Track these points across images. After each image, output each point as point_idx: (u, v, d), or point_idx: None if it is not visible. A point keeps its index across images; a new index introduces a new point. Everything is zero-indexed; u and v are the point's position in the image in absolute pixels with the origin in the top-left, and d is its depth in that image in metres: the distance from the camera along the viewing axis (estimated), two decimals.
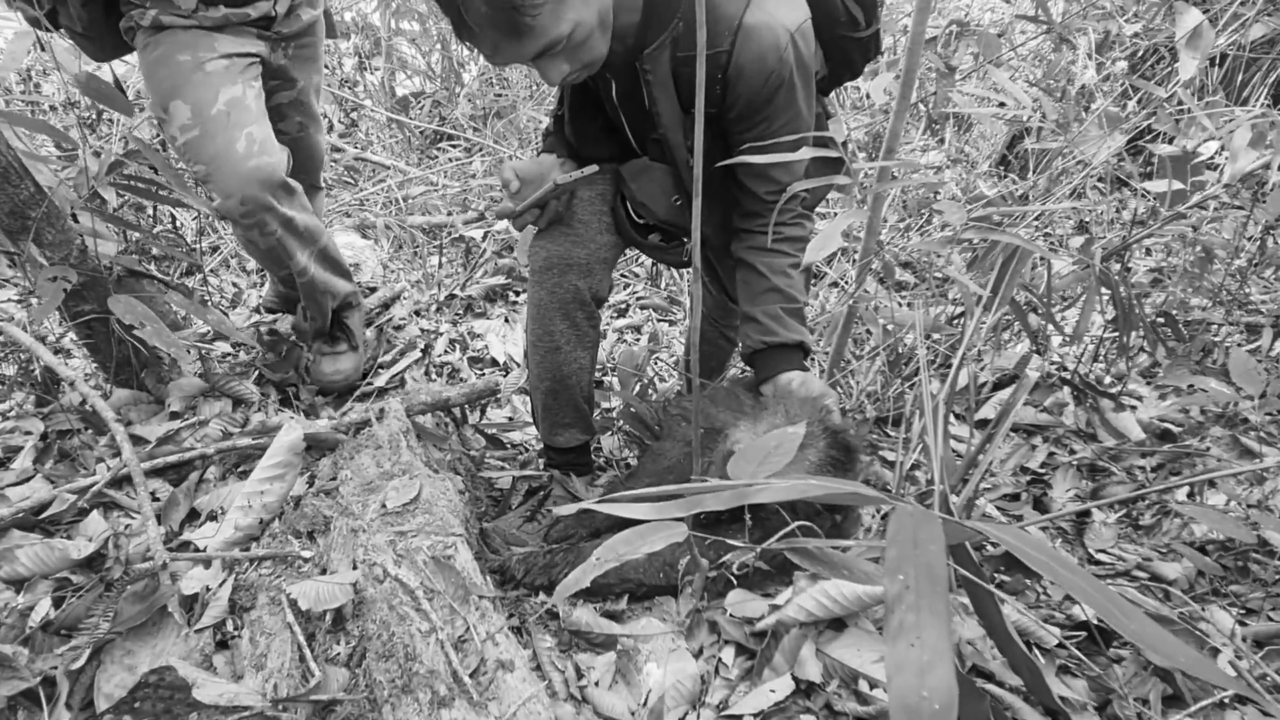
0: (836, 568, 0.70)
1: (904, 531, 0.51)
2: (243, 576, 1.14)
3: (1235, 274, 2.87)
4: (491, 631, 0.99)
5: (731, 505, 0.57)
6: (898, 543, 0.50)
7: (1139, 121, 2.73)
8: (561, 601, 1.46)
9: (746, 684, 1.18)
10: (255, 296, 3.61)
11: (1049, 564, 0.53)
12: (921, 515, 0.52)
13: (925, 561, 0.48)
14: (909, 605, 0.46)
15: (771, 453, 0.80)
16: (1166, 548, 1.90)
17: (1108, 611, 0.48)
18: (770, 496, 0.57)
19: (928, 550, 0.49)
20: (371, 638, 0.98)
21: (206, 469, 1.56)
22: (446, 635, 0.96)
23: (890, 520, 0.53)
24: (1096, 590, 0.49)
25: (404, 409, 1.63)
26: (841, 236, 1.15)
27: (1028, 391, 1.30)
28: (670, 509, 0.61)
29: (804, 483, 0.59)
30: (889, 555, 0.49)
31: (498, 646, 0.98)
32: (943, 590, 0.46)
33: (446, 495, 1.27)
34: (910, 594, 0.46)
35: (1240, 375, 1.89)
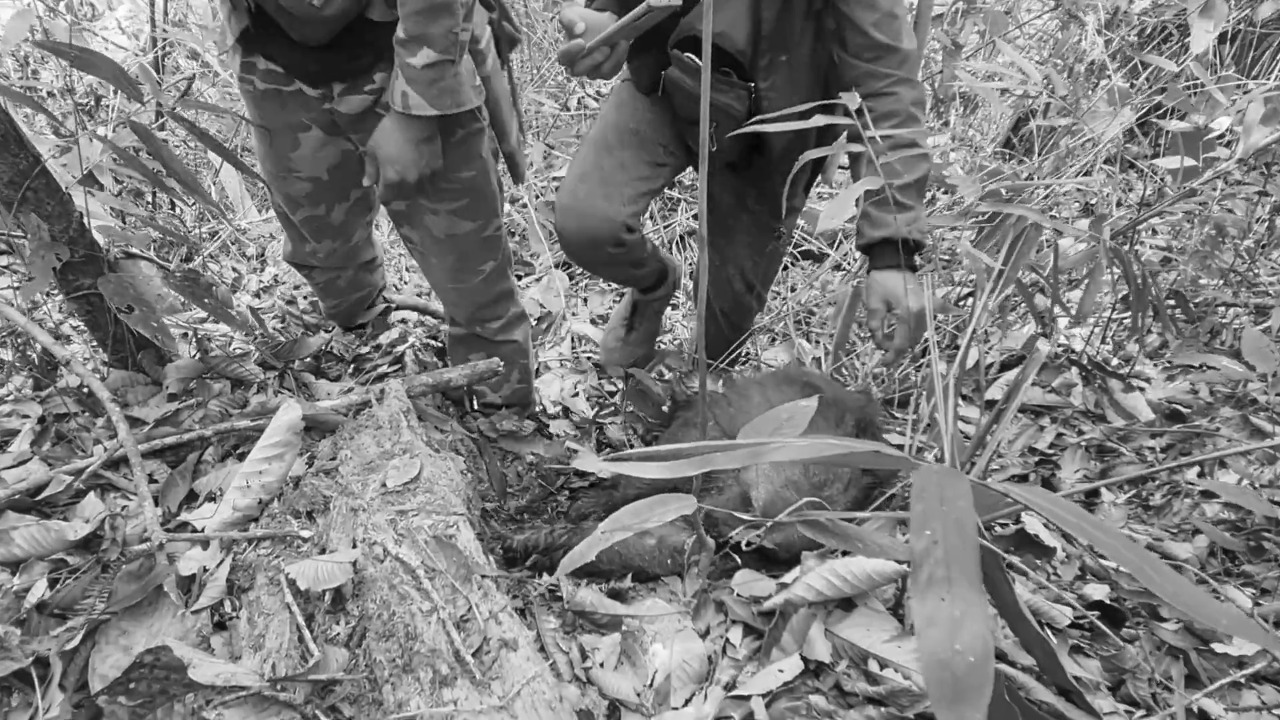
0: (851, 541, 0.67)
1: (930, 489, 0.48)
2: (241, 557, 1.12)
3: (1244, 254, 2.84)
4: (494, 610, 0.97)
5: (744, 464, 0.55)
6: (924, 499, 0.47)
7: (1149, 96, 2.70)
8: (566, 582, 1.44)
9: (754, 664, 1.16)
10: (255, 281, 3.59)
11: (1071, 519, 0.50)
12: (947, 473, 0.50)
13: (954, 517, 0.45)
14: (938, 560, 0.43)
15: (783, 424, 0.77)
16: (1177, 528, 1.87)
17: (1143, 573, 0.45)
18: (787, 455, 0.54)
19: (955, 506, 0.46)
20: (371, 617, 0.96)
21: (205, 450, 1.54)
22: (448, 614, 0.94)
23: (915, 479, 0.50)
24: (1132, 552, 0.46)
25: (405, 390, 1.61)
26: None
27: (1037, 369, 1.27)
28: (681, 467, 0.58)
29: (821, 442, 0.56)
30: (915, 511, 0.47)
31: (500, 625, 0.96)
32: (973, 544, 0.44)
33: (448, 475, 1.25)
34: (939, 549, 0.44)
35: (1253, 353, 1.86)
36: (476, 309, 1.89)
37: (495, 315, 1.92)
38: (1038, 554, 1.65)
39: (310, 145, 1.73)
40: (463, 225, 1.74)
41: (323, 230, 1.91)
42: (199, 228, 4.01)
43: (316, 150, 1.74)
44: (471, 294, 1.86)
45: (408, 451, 1.28)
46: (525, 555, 1.57)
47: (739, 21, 1.60)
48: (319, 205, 1.85)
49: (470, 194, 1.72)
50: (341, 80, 1.58)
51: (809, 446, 0.55)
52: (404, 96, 1.45)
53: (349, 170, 1.82)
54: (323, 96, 1.61)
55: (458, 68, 1.45)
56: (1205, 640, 1.34)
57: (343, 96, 1.59)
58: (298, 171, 1.77)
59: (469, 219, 1.74)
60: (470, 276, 1.82)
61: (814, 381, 1.84)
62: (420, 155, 1.54)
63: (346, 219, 1.92)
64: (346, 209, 1.89)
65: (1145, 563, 0.46)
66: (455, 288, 1.85)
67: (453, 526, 1.12)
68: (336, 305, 2.27)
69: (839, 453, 0.55)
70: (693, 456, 0.58)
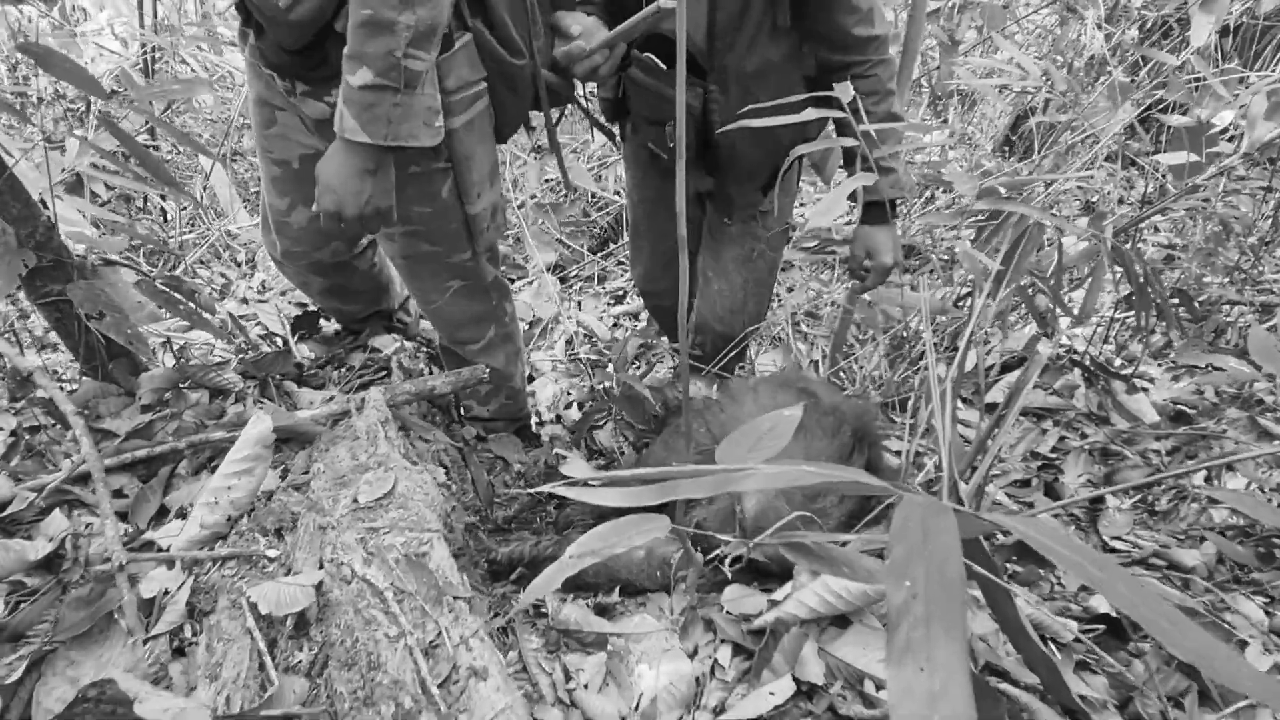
0: (836, 565, 0.62)
1: (912, 525, 0.43)
2: (204, 578, 1.07)
3: (1249, 251, 2.78)
4: (465, 635, 0.92)
5: (714, 492, 0.50)
6: (905, 538, 0.42)
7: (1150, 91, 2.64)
8: (551, 597, 1.39)
9: (744, 686, 1.11)
10: (244, 287, 3.54)
11: (1070, 556, 0.45)
12: (932, 506, 0.44)
13: (937, 561, 0.40)
14: (917, 618, 0.38)
15: (764, 437, 0.72)
16: (1184, 534, 1.82)
17: (1134, 607, 0.40)
18: (756, 483, 0.49)
19: (940, 546, 0.41)
20: (334, 644, 0.91)
21: (178, 464, 1.49)
22: (416, 640, 0.89)
23: (896, 512, 0.45)
24: (1122, 583, 0.41)
25: (386, 399, 1.56)
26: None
27: (1038, 371, 1.23)
28: (645, 495, 0.53)
29: (794, 468, 0.51)
30: (894, 554, 0.42)
31: (471, 652, 0.90)
32: (958, 597, 0.38)
33: (424, 489, 1.19)
34: (919, 603, 0.38)
35: (1260, 353, 1.80)
36: (453, 329, 1.85)
37: (473, 337, 1.88)
38: (1040, 564, 1.60)
39: (283, 126, 1.67)
40: (420, 247, 1.68)
41: (283, 228, 1.84)
42: (190, 233, 3.96)
43: (288, 135, 1.68)
44: (442, 313, 1.81)
45: (383, 465, 1.22)
46: (510, 568, 1.52)
47: (699, 21, 1.68)
48: (284, 198, 1.77)
49: (427, 226, 1.65)
50: (305, 83, 1.52)
51: (781, 474, 0.50)
52: (340, 117, 1.36)
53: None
54: (288, 90, 1.56)
55: (401, 98, 1.35)
56: None
57: (303, 98, 1.54)
58: (270, 152, 1.71)
59: (428, 243, 1.68)
60: (435, 295, 1.77)
61: (810, 387, 1.79)
62: (363, 188, 1.42)
63: (308, 228, 1.82)
64: (309, 217, 1.79)
65: (1134, 594, 0.41)
66: (426, 308, 1.81)
67: (426, 544, 1.06)
68: (322, 307, 2.22)
69: (815, 480, 0.50)
70: (656, 483, 0.53)
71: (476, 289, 1.82)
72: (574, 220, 3.95)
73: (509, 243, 3.86)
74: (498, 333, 1.92)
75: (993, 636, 1.22)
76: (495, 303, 1.89)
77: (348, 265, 2.01)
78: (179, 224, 3.91)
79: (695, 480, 0.51)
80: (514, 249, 3.80)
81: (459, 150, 1.58)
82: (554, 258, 3.80)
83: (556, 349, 3.04)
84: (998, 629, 1.23)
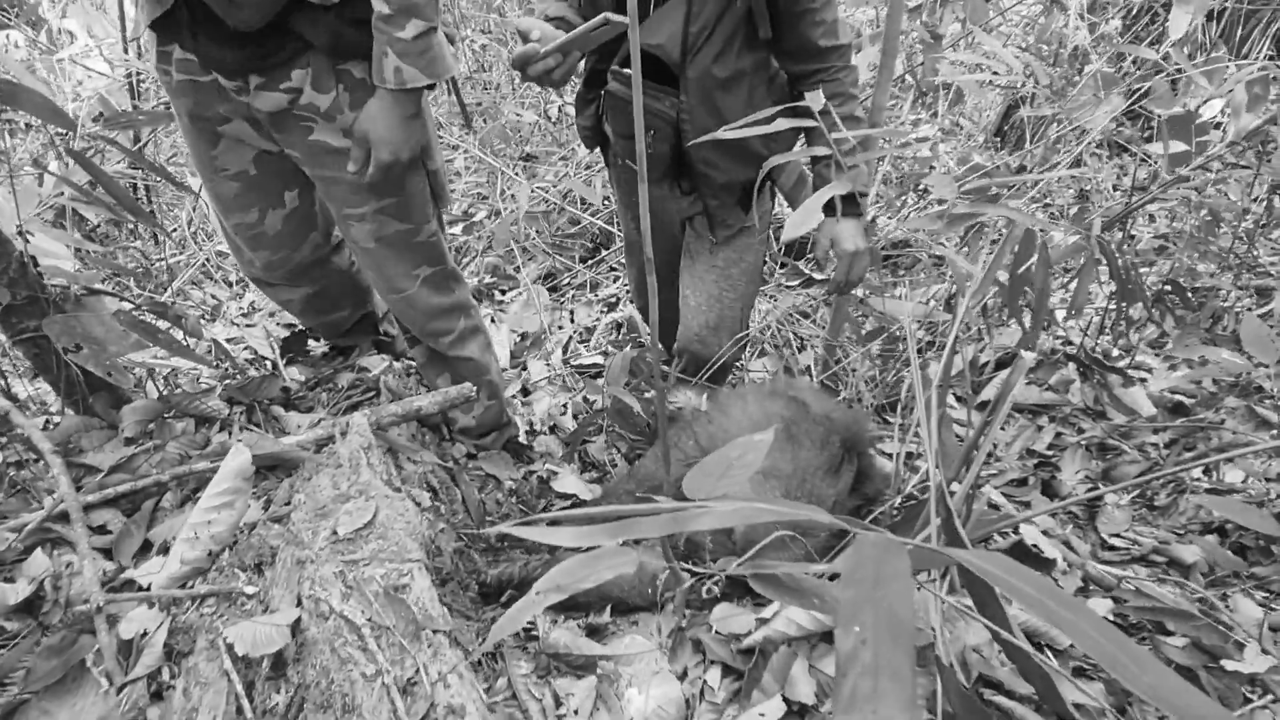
0: (806, 597, 0.61)
1: (864, 567, 0.41)
2: (183, 618, 1.05)
3: (1242, 236, 2.76)
4: (443, 672, 0.90)
5: (666, 532, 0.48)
6: (855, 582, 0.41)
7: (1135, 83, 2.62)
8: (542, 620, 1.38)
9: (734, 707, 1.09)
10: (235, 309, 3.53)
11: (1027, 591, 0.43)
12: (886, 546, 0.43)
13: (887, 607, 0.39)
14: (865, 667, 0.36)
15: (734, 464, 0.71)
16: (1183, 529, 1.80)
17: (1118, 665, 0.38)
18: (709, 523, 0.48)
19: (891, 591, 0.39)
20: (310, 685, 0.89)
21: (163, 496, 1.47)
22: (393, 678, 0.87)
23: (849, 554, 0.43)
24: (1082, 620, 0.40)
25: (369, 423, 1.55)
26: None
27: (1025, 371, 1.21)
28: (593, 535, 0.52)
29: (748, 507, 0.49)
30: (844, 599, 0.40)
31: (449, 689, 0.89)
32: (908, 646, 0.37)
33: (405, 517, 1.18)
34: (868, 651, 0.37)
35: (1253, 343, 1.79)
36: (426, 320, 1.82)
37: (446, 329, 1.86)
38: (1037, 566, 1.58)
39: (232, 138, 1.66)
40: (390, 226, 1.69)
41: (259, 240, 1.82)
42: (180, 255, 3.95)
43: (238, 144, 1.67)
44: (414, 303, 1.79)
45: (364, 493, 1.21)
46: (500, 590, 1.50)
47: (674, 32, 1.74)
48: (250, 210, 1.76)
49: (396, 191, 1.67)
50: (259, 74, 1.51)
51: (735, 512, 0.48)
52: (397, 72, 1.45)
53: (279, 171, 1.74)
54: (239, 89, 1.55)
55: (440, 33, 1.47)
56: (1215, 656, 1.27)
57: (258, 92, 1.52)
58: (224, 169, 1.69)
59: (397, 219, 1.69)
60: (407, 283, 1.76)
61: (800, 395, 1.77)
62: (411, 132, 1.55)
63: (284, 230, 1.82)
64: (283, 217, 1.80)
65: (1120, 649, 0.39)
66: (396, 298, 1.78)
67: (406, 575, 1.05)
68: (306, 323, 2.21)
69: (770, 519, 0.48)
70: (608, 522, 0.52)
71: (443, 276, 1.82)
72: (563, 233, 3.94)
73: (500, 253, 3.84)
74: (468, 324, 1.91)
75: (986, 646, 1.20)
76: (460, 294, 1.89)
77: (327, 264, 2.00)
78: (167, 248, 3.88)
79: (648, 521, 0.49)
80: (505, 259, 3.79)
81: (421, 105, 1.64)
82: (545, 269, 3.79)
83: (553, 359, 3.02)
84: (990, 639, 1.22)
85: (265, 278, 1.95)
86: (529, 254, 3.79)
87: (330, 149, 1.59)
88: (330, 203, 1.70)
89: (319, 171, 1.64)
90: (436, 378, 1.94)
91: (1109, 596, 1.48)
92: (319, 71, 1.52)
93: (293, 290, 2.01)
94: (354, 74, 1.55)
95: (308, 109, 1.55)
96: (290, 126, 1.58)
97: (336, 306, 2.14)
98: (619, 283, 3.73)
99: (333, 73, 1.54)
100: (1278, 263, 2.97)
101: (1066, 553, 1.65)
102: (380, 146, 1.52)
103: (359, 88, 1.56)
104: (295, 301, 2.05)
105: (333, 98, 1.54)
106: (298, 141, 1.60)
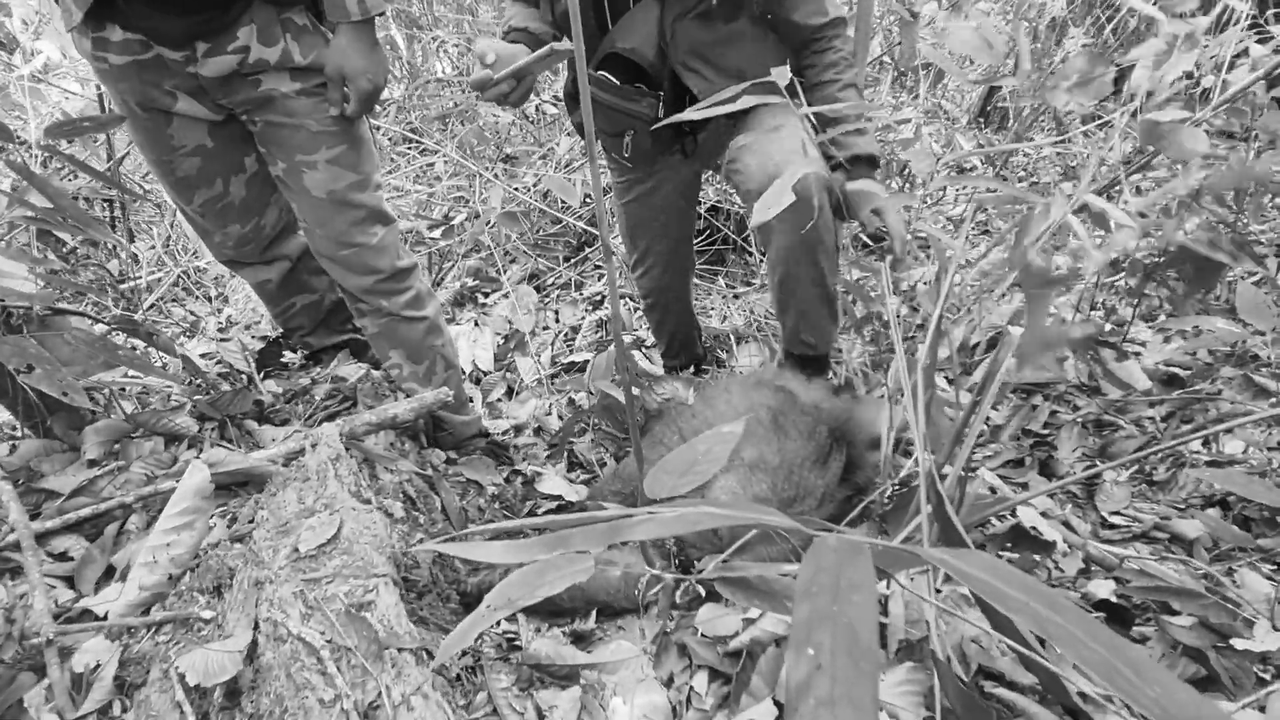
0: (778, 600, 0.56)
1: (822, 576, 0.36)
2: (137, 647, 1.00)
3: (1231, 205, 2.71)
4: (407, 693, 0.85)
5: (606, 543, 0.43)
6: (810, 596, 0.35)
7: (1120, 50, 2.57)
8: (524, 628, 1.33)
9: (723, 713, 1.04)
10: (214, 325, 3.47)
11: (1013, 596, 0.38)
12: (847, 550, 0.38)
13: (847, 625, 0.33)
14: (820, 699, 0.31)
15: (699, 459, 0.66)
16: (1184, 503, 1.75)
17: (1116, 677, 0.33)
18: (650, 532, 0.43)
19: (852, 606, 0.34)
20: (264, 715, 0.84)
21: (127, 519, 1.42)
22: (354, 703, 0.82)
23: (806, 560, 0.38)
24: (1101, 644, 0.34)
25: (340, 433, 1.49)
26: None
27: (1012, 350, 1.16)
28: (529, 549, 0.46)
29: (696, 512, 0.44)
30: (797, 614, 0.35)
31: (412, 712, 0.84)
32: (870, 674, 0.32)
33: (372, 530, 1.13)
34: (823, 679, 0.32)
35: (1248, 310, 1.74)
36: (377, 279, 1.79)
37: (399, 289, 1.83)
38: (1036, 549, 1.54)
39: (183, 117, 1.66)
40: (344, 177, 1.68)
41: (226, 213, 1.83)
42: (158, 272, 3.89)
43: (191, 120, 1.68)
44: (365, 259, 1.75)
45: (329, 507, 1.16)
46: (480, 598, 1.45)
47: (649, 37, 1.81)
48: (214, 181, 1.77)
49: (347, 139, 1.67)
50: (205, 39, 1.52)
51: (677, 519, 0.43)
52: (360, 2, 1.52)
53: (234, 137, 1.75)
54: (185, 60, 1.54)
55: None
56: (1224, 636, 1.22)
57: (205, 58, 1.53)
58: (182, 146, 1.70)
59: (348, 168, 1.68)
60: (362, 237, 1.74)
61: (787, 385, 1.72)
62: (380, 59, 1.61)
63: (249, 194, 1.84)
64: (245, 181, 1.82)
65: (1116, 657, 0.34)
66: (348, 253, 1.74)
67: (372, 591, 1.00)
68: (282, 313, 2.16)
69: (719, 523, 0.43)
70: (546, 535, 0.47)
71: (397, 243, 1.82)
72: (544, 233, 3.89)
73: (482, 255, 3.79)
74: (423, 287, 1.90)
75: (985, 637, 1.15)
76: (411, 257, 1.87)
77: (295, 234, 2.02)
78: (144, 265, 3.82)
79: (583, 532, 0.44)
80: (486, 262, 3.73)
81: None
82: (529, 270, 3.74)
83: (542, 359, 2.97)
84: (990, 629, 1.17)
85: (238, 256, 1.96)
86: (510, 256, 3.74)
87: (281, 94, 1.61)
88: (280, 154, 1.69)
89: (270, 118, 1.65)
90: (390, 349, 1.89)
91: (1111, 577, 1.43)
92: (264, 24, 1.55)
93: (268, 269, 2.03)
94: (296, 21, 1.59)
95: (257, 65, 1.57)
96: (238, 85, 1.60)
97: (309, 288, 2.14)
98: (603, 281, 3.67)
99: (278, 22, 1.56)
100: (1267, 230, 2.92)
101: (1066, 533, 1.61)
102: (358, 77, 1.57)
103: (304, 33, 1.59)
104: (272, 282, 2.06)
105: (281, 48, 1.57)
106: (248, 96, 1.61)
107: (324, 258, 1.80)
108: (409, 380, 1.92)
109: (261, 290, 2.10)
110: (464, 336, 3.08)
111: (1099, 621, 0.37)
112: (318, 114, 1.64)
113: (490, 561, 0.51)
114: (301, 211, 1.74)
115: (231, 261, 2.00)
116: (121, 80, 1.58)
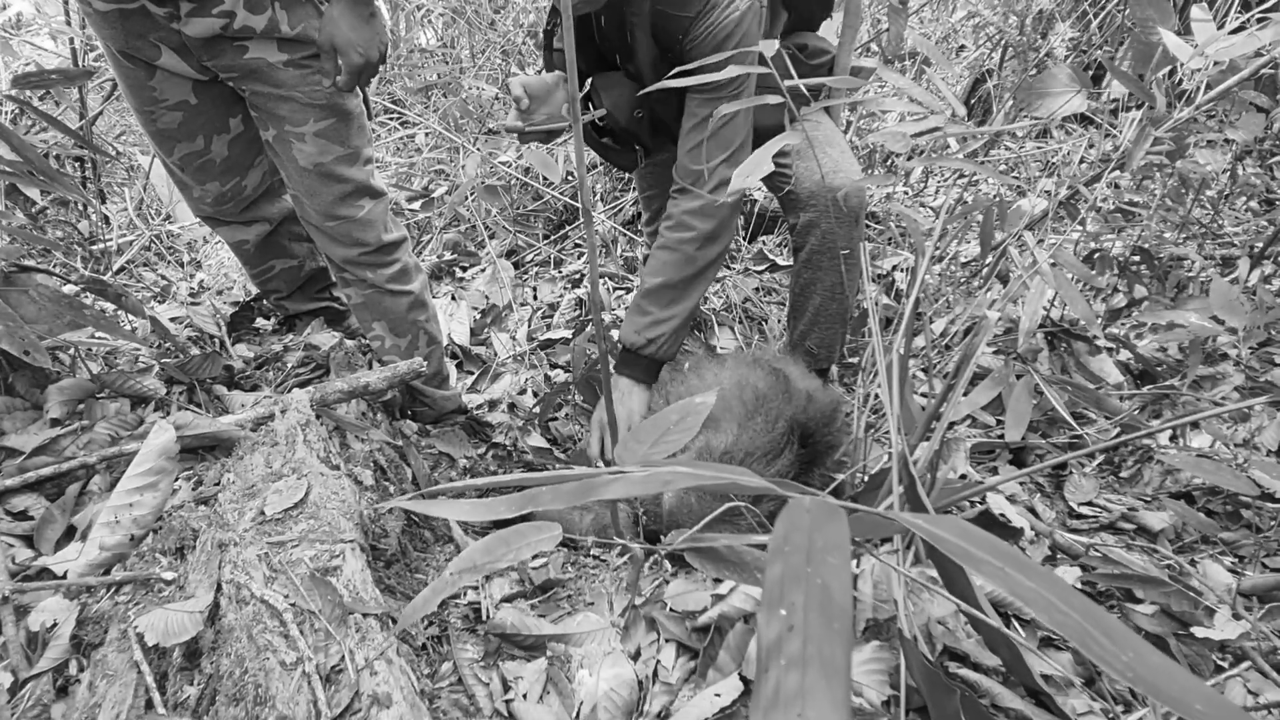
0: (749, 571, 0.55)
1: (797, 536, 0.35)
2: (96, 607, 0.98)
3: (1208, 204, 2.74)
4: (370, 658, 0.84)
5: (576, 502, 0.42)
6: (783, 555, 0.35)
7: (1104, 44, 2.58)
8: (487, 600, 1.32)
9: (690, 688, 1.04)
10: (185, 290, 3.41)
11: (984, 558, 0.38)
12: (822, 511, 0.37)
13: (820, 585, 0.33)
14: (792, 659, 0.30)
15: (670, 429, 0.65)
16: (1151, 496, 1.78)
17: (1089, 640, 0.33)
18: (621, 491, 0.42)
19: (826, 567, 0.34)
20: (224, 676, 0.83)
21: (90, 480, 1.39)
22: (315, 666, 0.81)
23: (780, 521, 0.37)
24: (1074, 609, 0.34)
25: (311, 399, 1.47)
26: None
27: (988, 337, 1.16)
28: (496, 508, 0.46)
29: (667, 471, 0.44)
30: (770, 574, 0.34)
31: (375, 676, 0.83)
32: (844, 634, 0.31)
33: (340, 495, 1.11)
34: (795, 639, 0.31)
35: (1221, 307, 1.76)
36: (362, 252, 1.76)
37: (385, 261, 1.80)
38: (1004, 535, 1.55)
39: (166, 71, 1.62)
40: (332, 151, 1.65)
41: (206, 170, 1.79)
42: (129, 235, 3.81)
43: (174, 77, 1.64)
44: (350, 231, 1.73)
45: (297, 472, 1.14)
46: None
47: (621, 100, 1.87)
48: (195, 138, 1.73)
49: (336, 112, 1.64)
50: (188, 0, 1.47)
51: (649, 478, 0.42)
52: None
53: (219, 97, 1.71)
54: (169, 16, 1.50)
55: None
56: (1185, 624, 1.24)
57: (189, 18, 1.49)
58: (163, 100, 1.66)
59: (337, 142, 1.65)
60: (348, 210, 1.71)
61: (785, 368, 1.72)
62: (375, 31, 1.57)
63: (231, 154, 1.80)
64: (228, 142, 1.78)
65: (1093, 623, 0.34)
66: (333, 225, 1.71)
67: (338, 556, 0.98)
68: (260, 275, 2.13)
69: (687, 483, 0.42)
70: (516, 493, 0.46)
71: (385, 218, 1.79)
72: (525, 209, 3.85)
73: (461, 229, 3.75)
74: (410, 261, 1.88)
75: (951, 618, 1.16)
76: (403, 235, 1.86)
77: (277, 198, 2.00)
78: (115, 227, 3.75)
79: (552, 490, 0.43)
80: (468, 235, 3.69)
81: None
82: (508, 245, 3.70)
83: (519, 335, 2.95)
84: (956, 610, 1.17)
85: (216, 214, 1.93)
86: (489, 230, 3.70)
87: (268, 64, 1.57)
88: (269, 122, 1.65)
89: (257, 87, 1.60)
90: (373, 321, 1.86)
91: (1077, 564, 1.45)
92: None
93: (246, 229, 2.00)
94: None
95: (242, 31, 1.52)
96: (224, 49, 1.55)
97: (289, 253, 2.11)
98: (583, 259, 3.65)
99: None
100: (1240, 232, 2.96)
101: (1034, 521, 1.62)
102: (349, 50, 1.53)
103: (294, 3, 1.54)
104: (250, 242, 2.03)
105: (268, 16, 1.51)
106: (233, 63, 1.56)
107: (310, 226, 1.77)
108: (390, 353, 1.90)
109: (239, 250, 2.07)
110: (440, 311, 3.05)
111: (1074, 589, 0.36)
112: (305, 86, 1.60)
113: (458, 519, 0.50)
114: (290, 180, 1.71)
115: (209, 218, 1.97)
116: (106, 27, 1.53)
